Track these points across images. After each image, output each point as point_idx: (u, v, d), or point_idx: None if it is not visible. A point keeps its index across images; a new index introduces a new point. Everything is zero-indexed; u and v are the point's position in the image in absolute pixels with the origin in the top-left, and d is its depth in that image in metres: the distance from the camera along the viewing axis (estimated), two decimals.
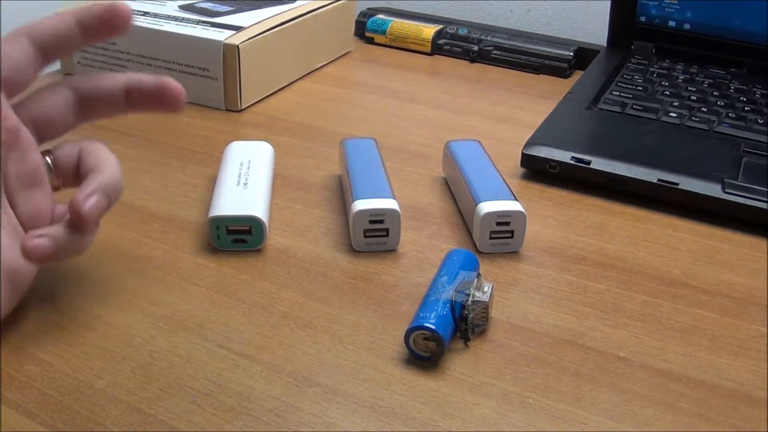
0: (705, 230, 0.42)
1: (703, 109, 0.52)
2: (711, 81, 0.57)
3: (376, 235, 0.38)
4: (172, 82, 0.34)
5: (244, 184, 0.40)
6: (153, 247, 0.38)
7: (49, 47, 0.32)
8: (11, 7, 0.72)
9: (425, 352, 0.31)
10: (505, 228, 0.38)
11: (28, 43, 0.32)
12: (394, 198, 0.38)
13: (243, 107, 0.55)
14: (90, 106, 0.35)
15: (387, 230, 0.38)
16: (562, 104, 0.53)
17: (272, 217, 0.41)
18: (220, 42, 0.53)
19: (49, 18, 0.32)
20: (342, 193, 0.44)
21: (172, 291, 0.35)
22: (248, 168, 0.42)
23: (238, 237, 0.38)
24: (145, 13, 0.58)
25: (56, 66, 0.61)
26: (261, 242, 0.38)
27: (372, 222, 0.38)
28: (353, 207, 0.37)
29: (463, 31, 0.70)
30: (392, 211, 0.38)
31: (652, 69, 0.59)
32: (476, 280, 0.33)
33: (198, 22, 0.56)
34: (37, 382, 0.29)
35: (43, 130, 0.34)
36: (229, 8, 0.60)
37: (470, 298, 0.32)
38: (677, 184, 0.43)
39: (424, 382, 0.30)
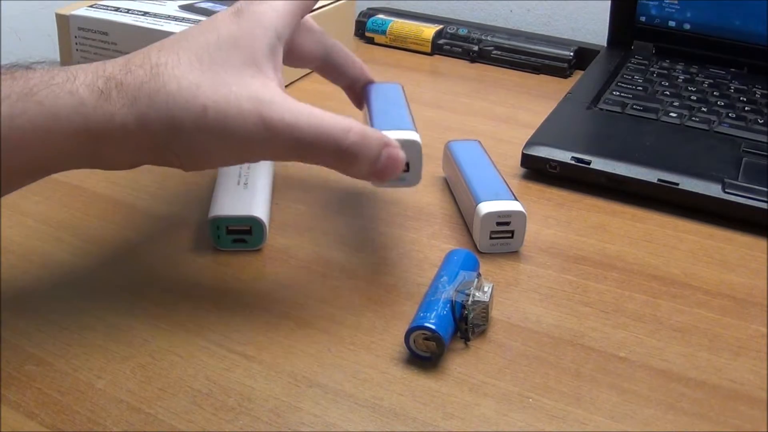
0: (705, 230, 0.42)
1: (703, 109, 0.52)
2: (711, 81, 0.57)
3: None
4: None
5: (245, 184, 0.40)
6: (153, 247, 0.38)
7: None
8: (11, 7, 0.72)
9: (425, 352, 0.31)
10: (505, 228, 0.38)
11: None
12: (416, 130, 0.36)
13: None
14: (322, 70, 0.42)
15: (408, 165, 0.35)
16: (562, 104, 0.53)
17: (272, 217, 0.41)
18: None
19: None
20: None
21: (172, 291, 0.35)
22: (248, 168, 0.42)
23: (238, 237, 0.38)
24: (145, 13, 0.58)
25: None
26: (261, 242, 0.38)
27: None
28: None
29: (463, 31, 0.70)
30: (413, 143, 0.35)
31: (652, 69, 0.59)
32: (476, 280, 0.33)
33: (198, 23, 0.56)
34: (37, 382, 0.29)
35: (292, 53, 0.39)
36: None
37: (470, 298, 0.32)
38: (677, 184, 0.43)
39: (424, 382, 0.30)
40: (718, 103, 0.53)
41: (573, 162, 0.45)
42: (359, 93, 0.42)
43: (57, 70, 0.30)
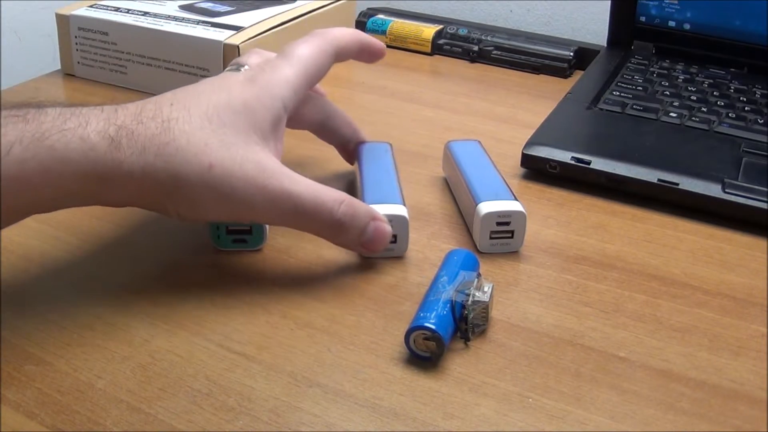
0: (705, 230, 0.42)
1: (703, 109, 0.52)
2: (711, 81, 0.57)
3: None
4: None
5: None
6: (153, 247, 0.38)
7: (338, 58, 0.40)
8: (11, 7, 0.72)
9: (425, 352, 0.31)
10: (505, 228, 0.38)
11: (335, 57, 0.39)
12: (404, 204, 0.38)
13: None
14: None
15: (395, 237, 0.37)
16: (562, 104, 0.53)
17: None
18: (220, 42, 0.53)
19: (348, 34, 0.40)
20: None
21: (172, 291, 0.35)
22: None
23: (238, 237, 0.38)
24: (145, 13, 0.58)
25: (56, 65, 0.61)
26: (261, 242, 0.38)
27: None
28: None
29: (463, 31, 0.70)
30: (400, 218, 0.37)
31: (652, 69, 0.59)
32: (476, 280, 0.33)
33: (198, 22, 0.56)
34: (37, 382, 0.29)
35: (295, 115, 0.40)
36: (229, 8, 0.60)
37: (470, 298, 0.32)
38: (677, 184, 0.43)
39: (424, 382, 0.30)
40: (718, 103, 0.53)
41: (573, 162, 0.45)
42: (351, 151, 0.45)
43: (69, 114, 0.31)
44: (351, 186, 0.45)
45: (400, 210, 0.37)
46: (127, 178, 0.31)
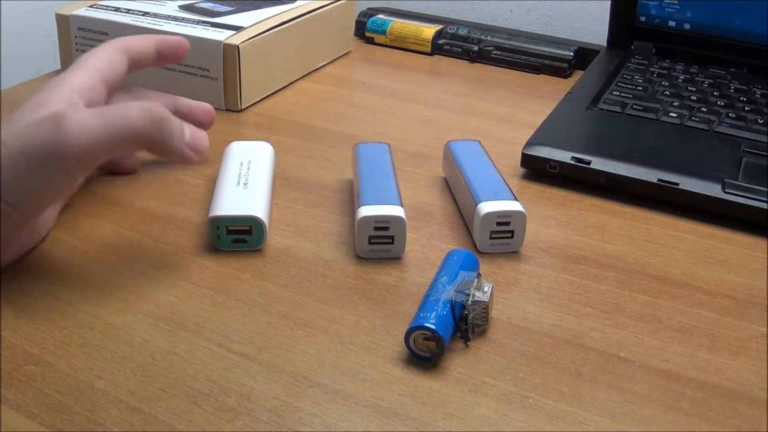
0: (705, 230, 0.42)
1: (703, 109, 0.52)
2: (711, 81, 0.57)
3: (380, 242, 0.38)
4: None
5: (244, 184, 0.40)
6: (153, 247, 0.38)
7: (133, 64, 0.41)
8: (11, 7, 0.72)
9: (425, 352, 0.31)
10: (505, 228, 0.38)
11: (126, 57, 0.40)
12: (401, 205, 0.38)
13: (243, 107, 0.55)
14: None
15: (392, 237, 0.38)
16: (562, 104, 0.53)
17: (272, 217, 0.41)
18: (220, 42, 0.53)
19: (137, 38, 0.41)
20: (351, 196, 0.44)
21: (172, 291, 0.35)
22: (248, 168, 0.42)
23: (238, 237, 0.38)
24: (145, 13, 0.58)
25: (56, 65, 0.61)
26: (261, 242, 0.38)
27: (377, 229, 0.37)
28: (358, 213, 0.37)
29: (463, 31, 0.70)
30: (397, 218, 0.37)
31: (652, 69, 0.59)
32: (476, 280, 0.33)
33: (198, 22, 0.56)
34: (37, 382, 0.29)
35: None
36: (229, 8, 0.60)
37: (470, 298, 0.32)
38: (677, 184, 0.43)
39: (424, 382, 0.30)
40: (718, 103, 0.53)
41: (573, 162, 0.45)
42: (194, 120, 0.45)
43: None
44: (349, 186, 0.45)
45: (397, 211, 0.37)
46: None
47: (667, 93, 0.54)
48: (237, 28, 0.55)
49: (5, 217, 0.32)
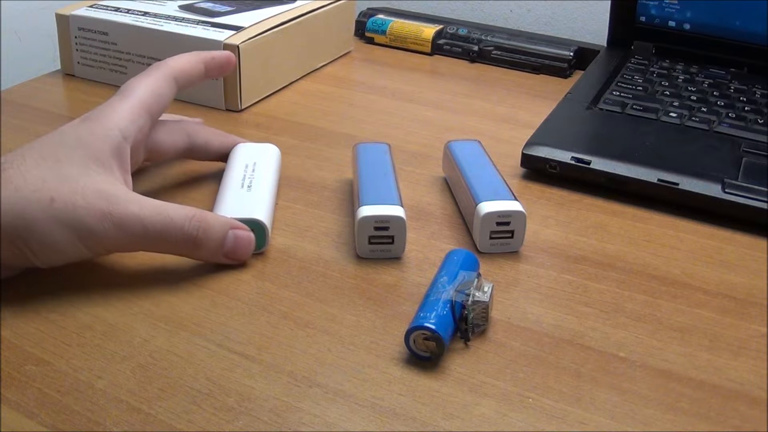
0: (705, 230, 0.42)
1: (703, 109, 0.52)
2: (711, 81, 0.57)
3: (380, 242, 0.38)
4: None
5: (248, 186, 0.40)
6: None
7: (182, 88, 0.41)
8: (11, 7, 0.72)
9: (425, 352, 0.31)
10: (505, 228, 0.38)
11: (175, 84, 0.40)
12: (401, 205, 0.38)
13: (243, 107, 0.55)
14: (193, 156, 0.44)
15: (392, 237, 0.38)
16: (562, 104, 0.53)
17: (273, 218, 0.41)
18: (220, 42, 0.53)
19: (185, 59, 0.41)
20: (351, 196, 0.44)
21: (173, 291, 0.35)
22: (253, 170, 0.41)
23: None
24: (145, 13, 0.58)
25: (56, 65, 0.61)
26: (263, 245, 0.38)
27: (377, 228, 0.37)
28: (358, 213, 0.37)
29: (463, 31, 0.70)
30: (398, 218, 0.37)
31: (652, 69, 0.59)
32: (476, 280, 0.33)
33: (198, 22, 0.56)
34: (37, 382, 0.29)
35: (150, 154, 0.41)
36: (229, 8, 0.60)
37: (470, 298, 0.32)
38: (677, 184, 0.43)
39: (424, 382, 0.30)
40: (718, 103, 0.53)
41: (573, 162, 0.45)
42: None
43: None
44: (349, 186, 0.45)
45: (397, 211, 0.37)
46: None
47: (667, 93, 0.54)
48: (237, 28, 0.55)
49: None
